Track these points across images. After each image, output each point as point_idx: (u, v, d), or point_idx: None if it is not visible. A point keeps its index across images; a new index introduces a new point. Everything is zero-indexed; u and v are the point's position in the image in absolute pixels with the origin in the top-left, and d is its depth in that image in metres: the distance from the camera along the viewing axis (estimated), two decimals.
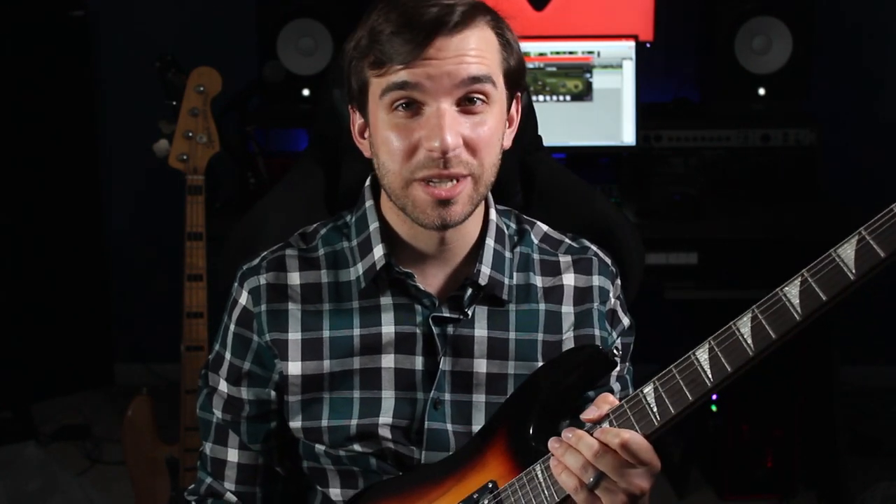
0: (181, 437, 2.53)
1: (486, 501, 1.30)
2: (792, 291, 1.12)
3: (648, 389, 1.20)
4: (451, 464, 1.36)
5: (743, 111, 3.30)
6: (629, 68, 3.17)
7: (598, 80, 3.18)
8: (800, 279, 1.12)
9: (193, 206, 2.54)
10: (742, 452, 3.13)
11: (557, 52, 3.18)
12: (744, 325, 1.16)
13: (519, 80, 1.38)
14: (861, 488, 3.06)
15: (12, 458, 3.06)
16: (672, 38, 3.47)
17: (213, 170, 2.62)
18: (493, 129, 1.33)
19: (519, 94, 1.42)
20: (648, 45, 3.35)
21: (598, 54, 3.18)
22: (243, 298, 1.42)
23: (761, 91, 3.28)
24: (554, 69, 3.17)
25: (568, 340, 1.43)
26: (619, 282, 1.49)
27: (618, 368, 1.45)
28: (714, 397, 3.21)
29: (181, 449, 2.53)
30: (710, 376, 1.17)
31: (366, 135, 1.39)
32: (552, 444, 1.23)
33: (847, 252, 1.10)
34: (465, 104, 1.30)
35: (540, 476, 1.27)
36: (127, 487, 2.74)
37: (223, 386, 1.45)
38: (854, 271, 1.09)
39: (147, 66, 2.79)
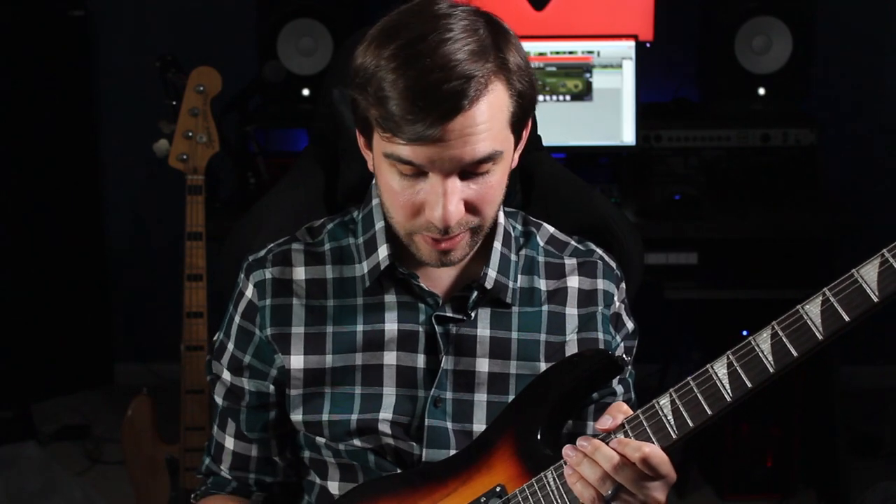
0: (181, 437, 2.53)
1: None
2: (813, 311, 1.11)
3: (665, 401, 1.19)
4: (456, 464, 1.36)
5: (743, 111, 3.29)
6: (629, 68, 3.17)
7: (598, 79, 3.18)
8: (821, 298, 1.11)
9: (193, 206, 2.53)
10: (742, 452, 3.13)
11: (557, 52, 3.18)
12: (763, 342, 1.14)
13: (528, 112, 1.33)
14: (861, 488, 3.06)
15: (12, 458, 3.06)
16: (672, 38, 3.47)
17: (213, 170, 2.62)
18: (497, 184, 1.32)
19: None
20: (648, 45, 3.35)
21: (598, 54, 3.18)
22: (249, 291, 1.43)
23: (761, 91, 3.28)
24: (554, 69, 3.17)
25: (571, 343, 1.43)
26: (623, 286, 1.49)
27: None
28: None
29: (181, 449, 2.53)
30: (729, 392, 1.16)
31: (368, 149, 1.37)
32: (567, 452, 1.22)
33: (870, 274, 1.09)
34: (470, 172, 1.28)
35: (552, 483, 1.26)
36: (127, 487, 2.74)
37: (226, 375, 1.46)
38: (877, 293, 1.08)
39: (147, 66, 2.79)
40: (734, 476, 3.15)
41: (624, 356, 1.33)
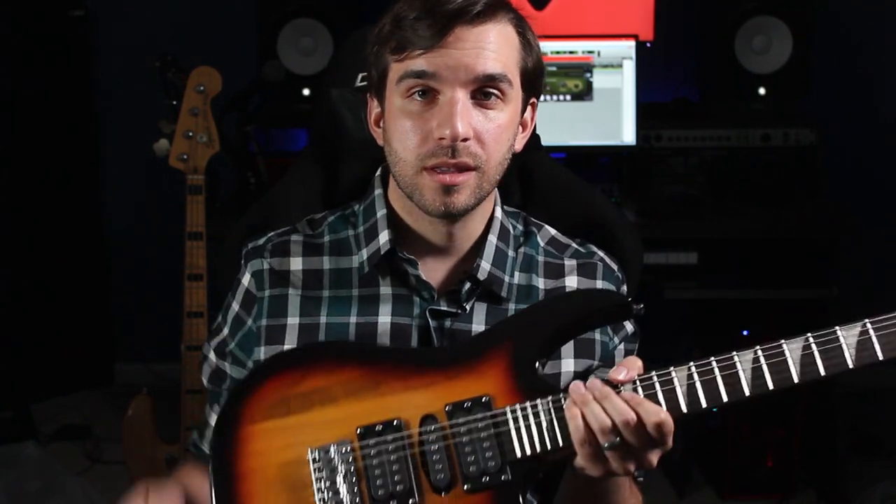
0: (181, 437, 2.53)
1: (479, 415, 1.26)
2: (850, 340, 1.16)
3: (682, 374, 1.20)
4: (438, 357, 1.33)
5: (743, 111, 3.29)
6: (629, 68, 3.17)
7: (599, 79, 3.18)
8: (860, 328, 1.16)
9: (193, 206, 2.54)
10: (742, 452, 3.13)
11: (557, 52, 3.18)
12: (795, 351, 1.18)
13: (536, 82, 1.39)
14: (861, 488, 3.06)
15: (12, 458, 3.06)
16: (672, 38, 3.47)
17: (213, 170, 2.62)
18: (504, 125, 1.34)
19: (535, 100, 1.43)
20: (648, 45, 3.35)
21: (599, 54, 3.18)
22: (246, 280, 1.45)
23: (761, 91, 3.28)
24: (554, 69, 3.17)
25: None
26: (624, 288, 1.49)
27: None
28: None
29: (181, 449, 2.53)
30: (749, 387, 1.19)
31: (381, 124, 1.40)
32: (575, 389, 1.21)
33: None
34: (480, 98, 1.32)
35: (545, 415, 1.24)
36: (127, 487, 2.73)
37: (212, 356, 1.49)
38: None
39: (147, 66, 2.79)
40: (734, 476, 3.15)
41: (635, 305, 1.32)
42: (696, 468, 3.29)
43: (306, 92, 3.26)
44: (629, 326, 1.48)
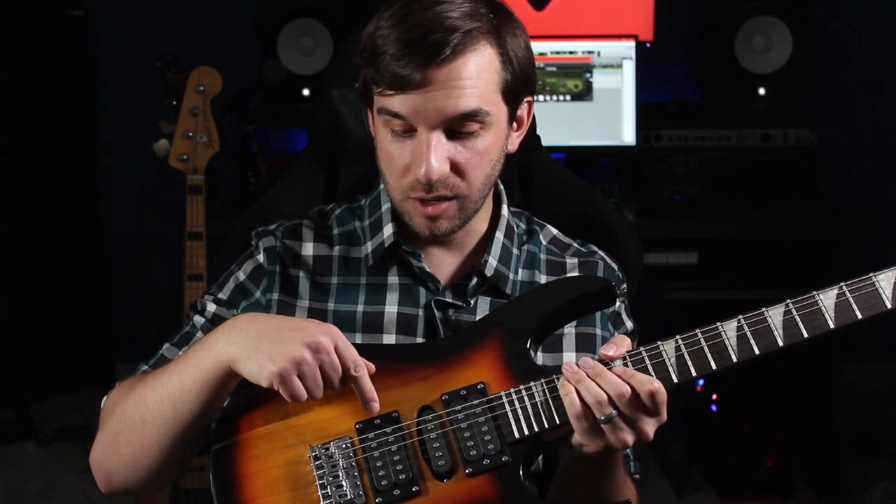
0: None
1: (475, 401, 1.27)
2: (828, 303, 1.21)
3: (670, 346, 1.24)
4: (435, 352, 1.34)
5: (743, 111, 3.29)
6: (629, 68, 3.17)
7: (598, 79, 3.18)
8: (837, 291, 1.21)
9: (193, 206, 2.54)
10: (742, 452, 3.13)
11: (557, 52, 3.18)
12: (776, 317, 1.22)
13: (523, 87, 1.37)
14: (861, 488, 3.06)
15: (12, 458, 3.06)
16: (672, 38, 3.47)
17: (213, 170, 2.62)
18: (484, 150, 1.34)
19: (530, 99, 1.42)
20: (648, 45, 3.35)
21: (598, 54, 3.18)
22: (260, 255, 1.45)
23: (761, 91, 3.28)
24: (554, 69, 3.17)
25: (569, 336, 1.44)
26: (624, 287, 1.51)
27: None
28: (714, 397, 3.21)
29: None
30: (736, 353, 1.22)
31: (373, 126, 1.41)
32: (568, 367, 1.23)
33: (889, 279, 1.20)
34: (457, 131, 1.31)
35: (540, 395, 1.26)
36: None
37: (211, 306, 1.45)
38: (890, 301, 1.20)
39: (147, 66, 2.79)
40: (734, 476, 3.15)
41: (619, 289, 1.36)
42: (696, 468, 3.29)
43: (306, 92, 3.26)
44: (629, 323, 1.50)
